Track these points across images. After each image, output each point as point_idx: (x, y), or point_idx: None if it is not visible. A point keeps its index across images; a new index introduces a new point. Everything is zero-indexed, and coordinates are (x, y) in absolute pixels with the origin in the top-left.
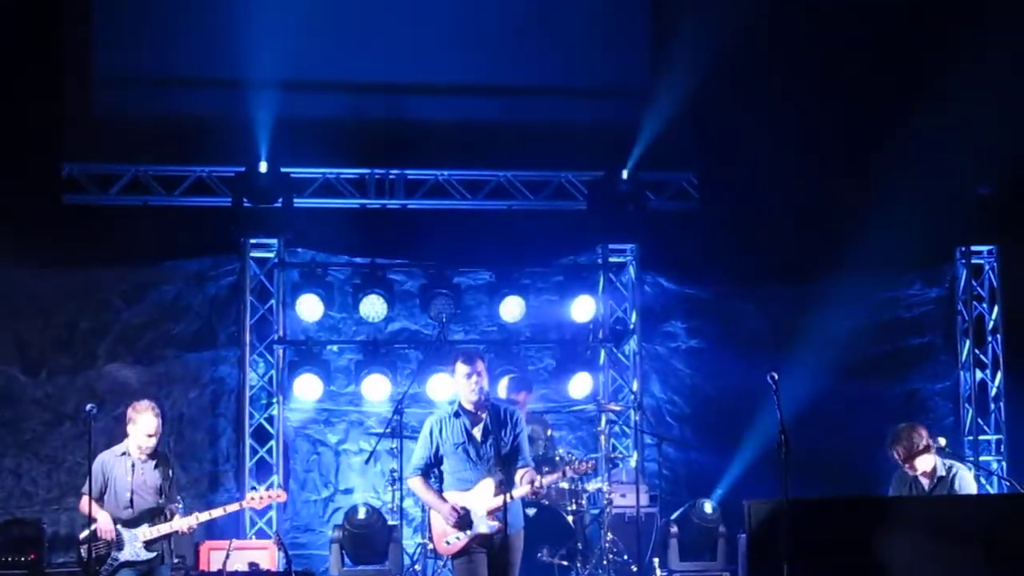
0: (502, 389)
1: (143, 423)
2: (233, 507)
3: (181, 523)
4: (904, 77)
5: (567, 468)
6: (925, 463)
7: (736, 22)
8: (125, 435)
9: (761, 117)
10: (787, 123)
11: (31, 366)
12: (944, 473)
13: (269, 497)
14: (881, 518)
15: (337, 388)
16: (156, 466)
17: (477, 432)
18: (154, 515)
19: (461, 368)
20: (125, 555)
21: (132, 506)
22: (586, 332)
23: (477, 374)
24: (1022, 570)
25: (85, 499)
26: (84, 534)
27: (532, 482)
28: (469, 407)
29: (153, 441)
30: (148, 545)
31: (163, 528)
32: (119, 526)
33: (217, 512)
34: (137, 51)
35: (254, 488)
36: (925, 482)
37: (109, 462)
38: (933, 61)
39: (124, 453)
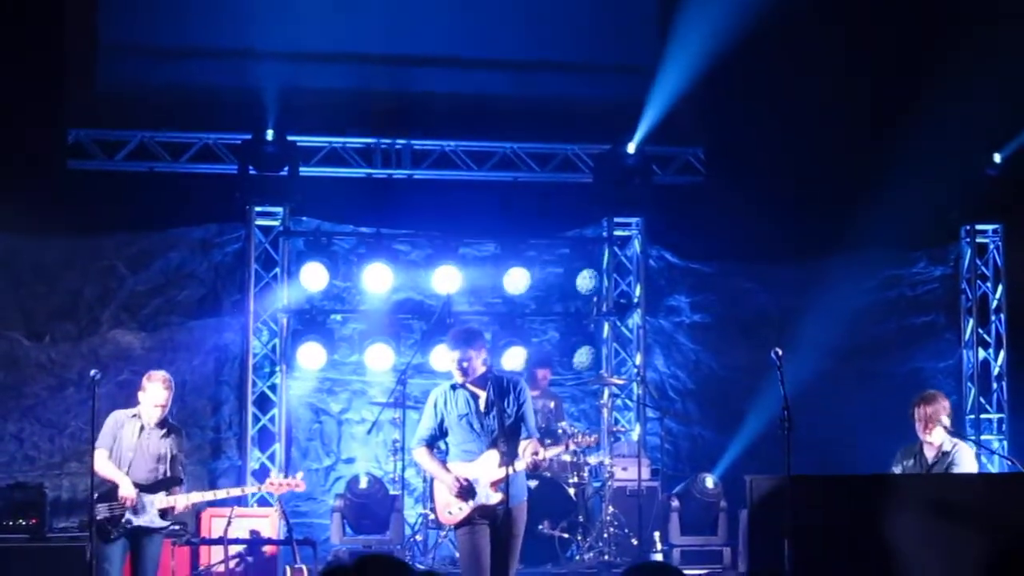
0: (509, 361)
1: (152, 393)
2: (251, 489)
3: (196, 496)
4: (912, 56)
5: (571, 441)
6: (939, 434)
7: None
8: (128, 401)
9: (768, 93)
10: (794, 100)
11: (35, 331)
12: (948, 448)
13: (287, 485)
14: (882, 496)
15: (340, 357)
16: (164, 436)
17: (481, 404)
18: (169, 484)
19: (448, 353)
20: (141, 520)
21: (131, 468)
22: (590, 305)
23: (465, 360)
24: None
25: (101, 456)
26: (102, 492)
27: (535, 454)
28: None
29: (159, 412)
30: (163, 513)
31: (180, 499)
32: (138, 490)
33: (235, 491)
34: (144, 19)
35: (264, 466)
36: (930, 454)
37: (121, 420)
38: (940, 40)
39: (136, 415)
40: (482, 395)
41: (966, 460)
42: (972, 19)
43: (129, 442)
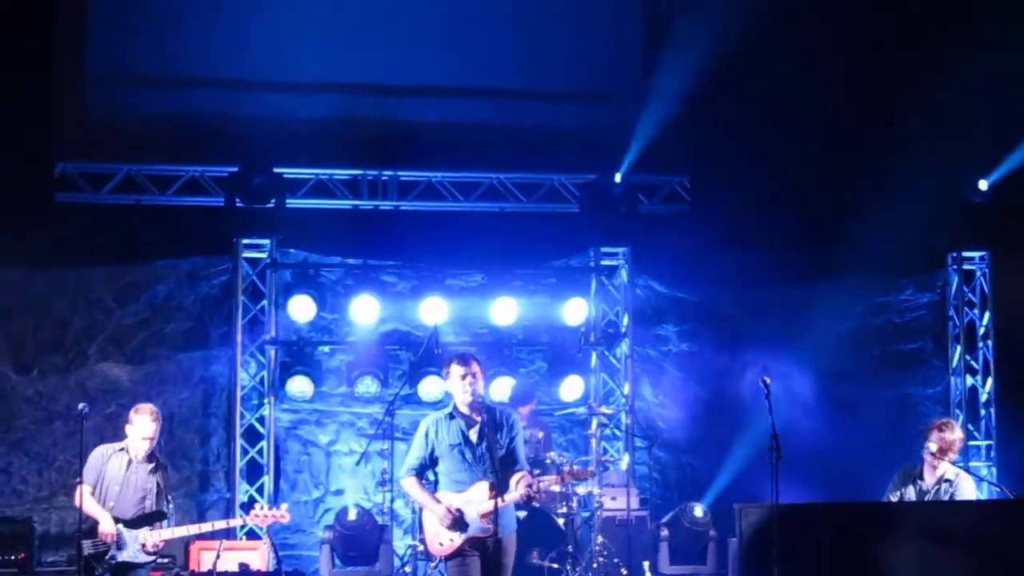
0: (496, 391)
1: (140, 425)
2: (236, 522)
3: (181, 530)
4: (897, 83)
5: (566, 474)
6: (946, 465)
7: (729, 26)
8: (116, 434)
9: (754, 121)
10: (780, 127)
11: (23, 364)
12: (951, 477)
13: (272, 517)
14: (872, 523)
15: (328, 389)
16: (152, 471)
17: (473, 434)
18: (154, 519)
19: (456, 369)
20: (125, 556)
21: (117, 502)
22: (578, 335)
23: (472, 376)
24: (1012, 573)
25: (82, 491)
26: (83, 529)
27: (529, 486)
28: (464, 409)
29: (147, 445)
30: (145, 548)
31: (164, 534)
32: (120, 526)
33: (220, 524)
34: (131, 51)
35: (252, 499)
36: (930, 480)
37: (106, 454)
38: (925, 67)
39: (123, 449)
40: (475, 425)
41: (968, 490)
42: (955, 46)
43: (115, 476)
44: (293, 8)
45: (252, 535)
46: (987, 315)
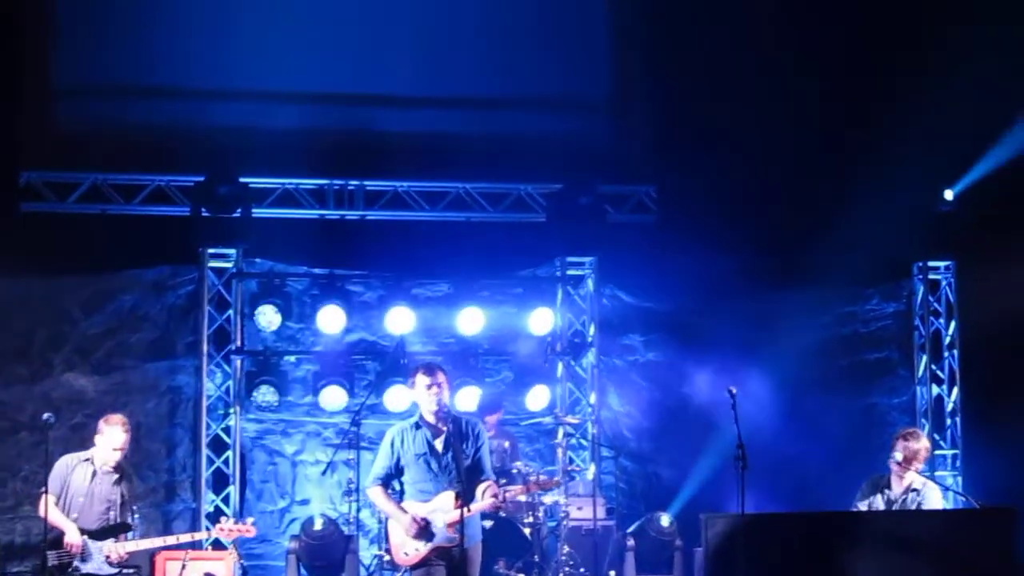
0: (462, 401)
1: (111, 436)
2: (201, 535)
3: (146, 543)
4: (864, 94)
5: (532, 484)
6: (913, 475)
7: (696, 37)
8: (82, 445)
9: (721, 131)
10: (746, 138)
11: None
12: (919, 487)
13: (238, 531)
14: (837, 532)
15: (294, 399)
16: (117, 481)
17: (439, 444)
18: (119, 531)
19: (422, 379)
20: (89, 567)
21: (81, 513)
22: (544, 345)
23: (438, 385)
24: None
25: (47, 501)
26: (48, 540)
27: (495, 496)
28: (430, 418)
29: (118, 455)
30: (110, 560)
31: (129, 546)
32: (85, 537)
33: (185, 537)
34: (97, 60)
35: (218, 509)
36: (897, 489)
37: (71, 464)
38: (892, 78)
39: (88, 460)
40: (441, 435)
41: (935, 499)
42: (922, 55)
43: (80, 487)
44: (259, 18)
45: (218, 545)
46: (953, 324)
